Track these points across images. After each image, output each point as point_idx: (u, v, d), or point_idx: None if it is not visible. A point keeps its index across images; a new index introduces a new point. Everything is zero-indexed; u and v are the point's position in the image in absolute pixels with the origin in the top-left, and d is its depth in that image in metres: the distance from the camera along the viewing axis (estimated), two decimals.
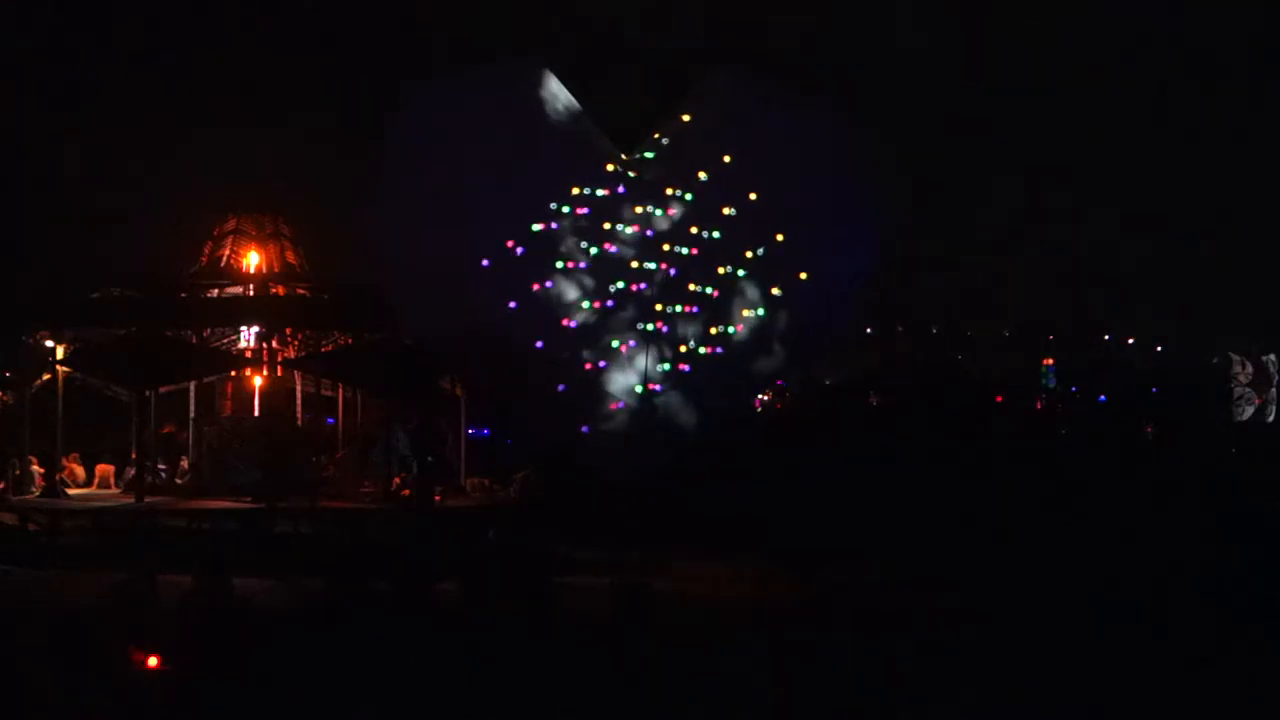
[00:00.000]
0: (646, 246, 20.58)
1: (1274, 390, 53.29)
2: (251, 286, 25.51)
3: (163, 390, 25.59)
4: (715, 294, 20.78)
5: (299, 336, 25.47)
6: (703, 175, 20.94)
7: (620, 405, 20.43)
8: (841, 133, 21.53)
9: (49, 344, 24.89)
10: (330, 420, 27.74)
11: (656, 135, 21.33)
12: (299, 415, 26.90)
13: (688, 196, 20.82)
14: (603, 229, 20.56)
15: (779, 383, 21.18)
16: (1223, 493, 29.08)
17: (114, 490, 24.89)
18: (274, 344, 25.25)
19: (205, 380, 26.23)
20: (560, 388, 20.32)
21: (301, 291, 25.65)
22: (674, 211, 20.78)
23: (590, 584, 18.17)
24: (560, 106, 20.85)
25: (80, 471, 25.22)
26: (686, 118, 21.31)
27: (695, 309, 20.69)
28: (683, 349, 20.60)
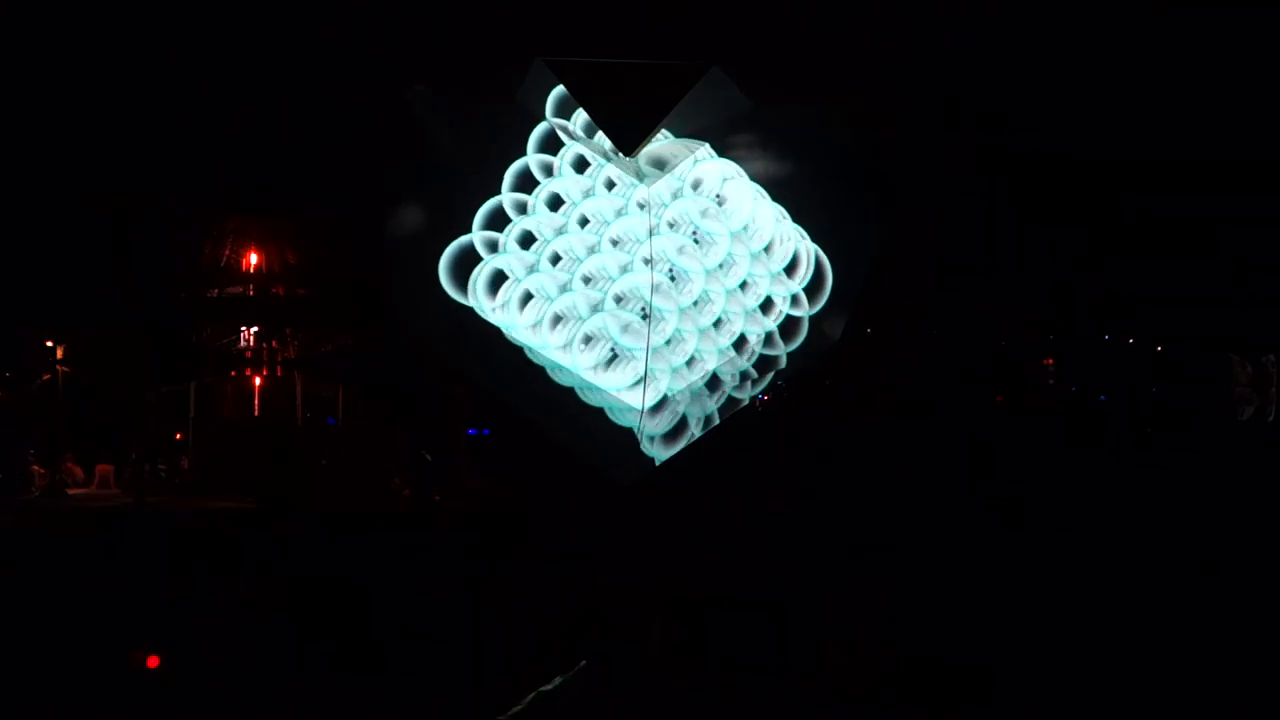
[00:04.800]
0: None
1: (1274, 390, 53.23)
2: (251, 286, 25.55)
3: (163, 390, 25.63)
4: None
5: (299, 336, 25.50)
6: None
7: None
8: (841, 134, 21.57)
9: (49, 344, 24.92)
10: (330, 420, 27.77)
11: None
12: (299, 415, 26.93)
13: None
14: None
15: (778, 383, 21.21)
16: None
17: (114, 490, 24.92)
18: (274, 344, 25.30)
19: (205, 380, 26.26)
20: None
21: (301, 291, 25.68)
22: None
23: (590, 582, 18.17)
24: (559, 107, 20.88)
25: (80, 471, 25.25)
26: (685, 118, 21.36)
27: None
28: None
